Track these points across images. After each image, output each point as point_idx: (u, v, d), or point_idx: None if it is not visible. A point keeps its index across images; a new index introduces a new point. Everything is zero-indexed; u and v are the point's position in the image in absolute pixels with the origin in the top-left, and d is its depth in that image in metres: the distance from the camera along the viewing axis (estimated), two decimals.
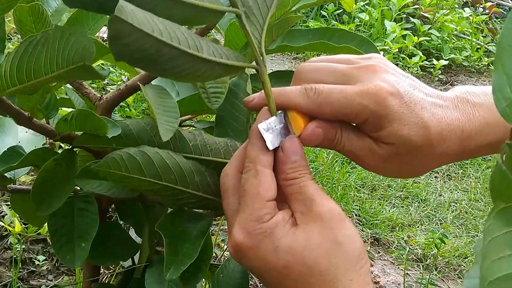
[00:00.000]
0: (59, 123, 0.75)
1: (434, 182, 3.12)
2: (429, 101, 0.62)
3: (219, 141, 0.77)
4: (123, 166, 0.68)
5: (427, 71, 4.79)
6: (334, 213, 0.58)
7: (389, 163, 0.63)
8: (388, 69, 0.63)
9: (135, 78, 0.85)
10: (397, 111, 0.60)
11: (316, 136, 0.62)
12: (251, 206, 0.59)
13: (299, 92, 0.61)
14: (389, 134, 0.61)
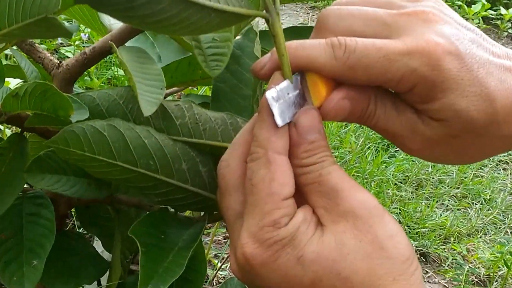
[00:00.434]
0: (7, 100, 0.76)
1: (502, 176, 3.14)
2: (497, 63, 0.61)
3: (215, 118, 0.77)
4: (86, 145, 0.69)
5: (492, 23, 4.81)
6: (369, 207, 0.59)
7: (438, 146, 0.63)
8: (445, 17, 0.62)
9: (104, 38, 0.86)
10: (455, 77, 0.59)
11: (341, 111, 0.62)
12: (263, 207, 0.59)
13: (324, 49, 0.60)
14: (441, 108, 0.60)
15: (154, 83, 0.74)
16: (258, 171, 0.60)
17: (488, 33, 4.70)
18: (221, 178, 0.65)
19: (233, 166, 0.64)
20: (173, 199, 0.76)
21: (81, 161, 0.71)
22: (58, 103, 0.73)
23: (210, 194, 0.75)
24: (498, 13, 4.79)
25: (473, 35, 0.62)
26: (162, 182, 0.73)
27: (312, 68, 0.61)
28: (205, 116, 0.77)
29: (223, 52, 0.78)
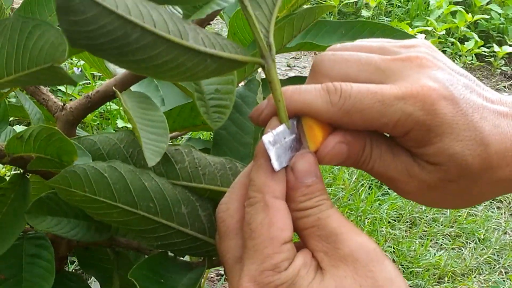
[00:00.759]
0: (11, 142, 0.78)
1: (496, 215, 3.15)
2: (491, 108, 0.62)
3: (215, 162, 0.78)
4: (87, 185, 0.69)
5: (486, 60, 4.85)
6: (368, 251, 0.59)
7: (433, 190, 0.64)
8: (438, 62, 0.63)
9: (108, 81, 0.88)
10: (450, 121, 0.60)
11: (338, 155, 0.62)
12: (262, 251, 0.59)
13: (319, 95, 0.61)
14: (436, 152, 0.61)
15: (158, 131, 0.75)
16: (257, 216, 0.60)
17: (482, 70, 4.74)
18: (220, 221, 0.65)
19: (232, 209, 0.64)
20: (173, 243, 0.76)
21: (82, 202, 0.71)
22: (63, 148, 0.74)
23: (209, 238, 0.76)
24: (491, 50, 4.83)
25: (467, 81, 0.63)
26: (162, 225, 0.73)
27: (308, 113, 0.62)
28: (205, 161, 0.78)
29: (225, 104, 0.79)
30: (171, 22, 0.54)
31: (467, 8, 5.18)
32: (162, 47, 0.54)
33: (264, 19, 0.62)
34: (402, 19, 5.01)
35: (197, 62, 0.57)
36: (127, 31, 0.51)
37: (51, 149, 0.76)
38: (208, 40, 0.57)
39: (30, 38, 0.57)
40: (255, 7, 0.62)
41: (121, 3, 0.51)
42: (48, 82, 0.69)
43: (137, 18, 0.51)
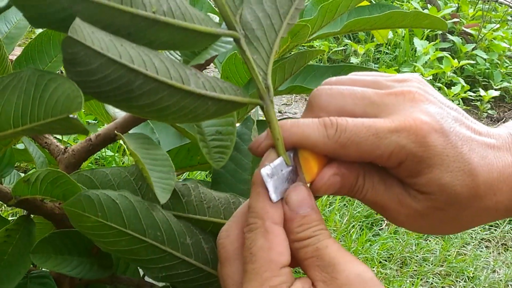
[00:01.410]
0: (18, 185, 0.80)
1: (484, 253, 3.16)
2: (479, 140, 0.64)
3: (219, 197, 0.79)
4: (100, 210, 0.70)
5: (472, 104, 4.88)
6: (365, 280, 0.60)
7: (423, 218, 0.65)
8: (430, 97, 0.65)
9: (109, 125, 0.90)
10: (441, 153, 0.61)
11: (332, 186, 0.64)
12: (262, 274, 0.60)
13: (317, 128, 0.62)
14: (427, 182, 0.62)
15: (163, 169, 0.76)
16: (257, 241, 0.61)
17: (469, 114, 4.71)
18: (221, 247, 0.66)
19: (232, 236, 0.65)
20: (177, 274, 0.76)
21: (92, 229, 0.71)
22: (69, 190, 0.76)
23: (212, 270, 0.76)
24: (478, 95, 4.86)
25: (456, 114, 0.65)
26: (168, 254, 0.74)
27: (305, 146, 0.63)
28: (210, 196, 0.79)
29: (226, 145, 0.81)
30: (173, 68, 0.57)
31: (453, 54, 5.23)
32: (165, 92, 0.56)
33: (262, 63, 0.65)
34: (390, 65, 5.06)
35: (198, 104, 0.59)
36: (130, 79, 0.54)
37: (57, 191, 0.78)
38: (209, 83, 0.59)
39: (46, 91, 0.58)
40: (253, 51, 0.64)
41: (124, 52, 0.53)
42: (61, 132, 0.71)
43: (140, 66, 0.54)
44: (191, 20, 0.59)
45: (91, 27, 0.52)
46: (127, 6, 0.54)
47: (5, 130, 0.62)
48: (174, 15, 0.58)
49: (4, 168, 0.88)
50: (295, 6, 0.66)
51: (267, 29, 0.65)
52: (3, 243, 0.86)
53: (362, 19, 1.00)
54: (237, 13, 0.64)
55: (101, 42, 0.51)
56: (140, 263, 0.75)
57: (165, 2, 0.57)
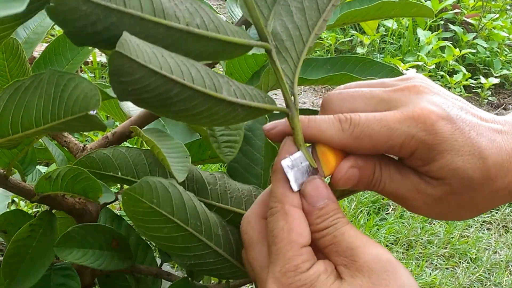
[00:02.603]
0: (40, 182, 0.81)
1: (486, 235, 3.16)
2: (485, 126, 0.65)
3: (243, 189, 0.81)
4: (155, 197, 0.71)
5: (473, 92, 4.87)
6: (383, 261, 0.61)
7: (439, 203, 0.66)
8: (433, 88, 0.66)
9: (124, 123, 0.91)
10: (450, 139, 0.62)
11: (351, 179, 0.65)
12: (284, 254, 0.61)
13: (332, 124, 0.64)
14: (440, 168, 0.63)
15: (179, 154, 0.78)
16: (278, 223, 0.63)
17: (470, 101, 4.74)
18: (244, 233, 0.68)
19: (253, 222, 0.67)
20: (204, 263, 0.77)
21: (141, 215, 0.71)
22: (89, 186, 0.77)
23: (236, 261, 0.77)
24: (479, 82, 4.85)
25: (461, 104, 0.66)
26: (203, 244, 0.75)
27: (322, 140, 0.64)
28: (234, 186, 0.81)
29: (235, 139, 0.82)
30: (208, 77, 0.57)
31: (455, 43, 5.21)
32: (199, 99, 0.57)
33: (290, 72, 0.66)
34: (394, 55, 5.04)
35: (229, 111, 0.60)
36: (169, 88, 0.55)
37: (78, 187, 0.79)
38: (240, 91, 0.60)
39: (65, 90, 0.59)
40: (282, 61, 0.65)
41: (165, 63, 0.54)
42: (81, 129, 0.72)
43: (178, 76, 0.55)
44: (224, 33, 0.60)
45: (137, 39, 0.53)
46: (160, 18, 0.55)
47: (28, 130, 0.64)
48: (208, 27, 0.58)
49: (27, 166, 0.88)
50: (323, 18, 0.67)
51: (296, 40, 0.66)
52: (27, 238, 0.87)
53: (353, 11, 1.00)
54: (267, 24, 0.65)
55: (145, 54, 0.52)
56: (174, 250, 0.75)
57: (198, 16, 0.58)
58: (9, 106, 0.63)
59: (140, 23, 0.55)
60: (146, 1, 0.54)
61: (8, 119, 0.63)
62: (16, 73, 0.86)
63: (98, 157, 0.81)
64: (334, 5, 0.68)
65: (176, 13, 0.56)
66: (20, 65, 0.86)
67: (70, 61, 0.97)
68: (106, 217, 0.97)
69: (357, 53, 5.02)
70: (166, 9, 0.56)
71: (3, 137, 0.65)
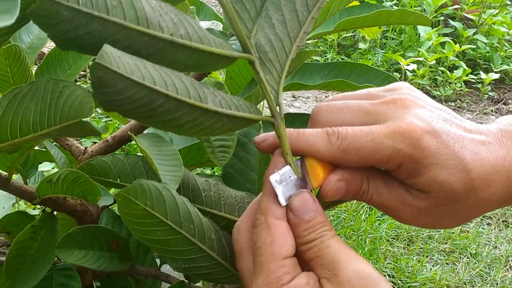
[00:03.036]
0: (42, 185, 0.82)
1: (486, 231, 3.16)
2: (469, 138, 0.65)
3: (236, 195, 0.82)
4: (149, 199, 0.71)
5: (474, 87, 4.86)
6: (363, 277, 0.61)
7: (425, 214, 0.67)
8: (419, 101, 0.67)
9: (124, 127, 0.92)
10: (435, 153, 0.63)
11: (338, 191, 0.66)
12: (267, 266, 0.62)
13: (320, 137, 0.65)
14: (426, 181, 0.64)
15: (173, 162, 0.79)
16: (261, 235, 0.64)
17: (470, 96, 4.76)
18: (234, 242, 0.69)
19: (243, 232, 0.68)
20: (198, 266, 0.78)
21: (135, 217, 0.72)
22: (88, 189, 0.78)
23: (229, 266, 0.78)
24: (479, 77, 4.85)
25: (446, 115, 0.67)
26: (196, 247, 0.75)
27: (310, 153, 0.65)
28: (228, 193, 0.81)
29: (228, 144, 0.84)
30: (192, 88, 0.59)
31: (455, 39, 5.21)
32: (184, 110, 0.58)
33: (274, 82, 0.67)
34: (395, 51, 5.05)
35: (215, 121, 0.61)
36: (152, 98, 0.56)
37: (78, 190, 0.80)
38: (225, 101, 0.62)
39: (60, 97, 0.61)
40: (266, 72, 0.66)
41: (147, 74, 0.55)
42: (76, 134, 0.73)
43: (161, 87, 0.56)
44: (208, 44, 0.61)
45: (118, 51, 0.53)
46: (144, 27, 0.56)
47: (26, 135, 0.65)
48: (192, 38, 0.59)
49: (29, 169, 0.90)
50: (304, 30, 0.68)
51: (279, 52, 0.67)
52: (29, 239, 0.88)
53: (352, 19, 1.01)
54: (251, 36, 0.66)
55: (126, 66, 0.53)
56: (167, 253, 0.76)
57: (183, 27, 0.59)
58: (8, 111, 0.64)
59: (123, 31, 0.55)
60: (130, 10, 0.55)
61: (7, 124, 0.64)
62: (19, 78, 0.87)
63: (98, 164, 0.82)
64: (314, 18, 0.69)
65: (160, 23, 0.57)
66: (23, 70, 0.87)
67: (72, 66, 0.98)
68: (107, 218, 0.98)
69: (360, 48, 5.03)
70: (150, 19, 0.56)
71: (3, 142, 0.66)
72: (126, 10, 0.55)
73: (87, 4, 0.53)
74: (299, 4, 0.67)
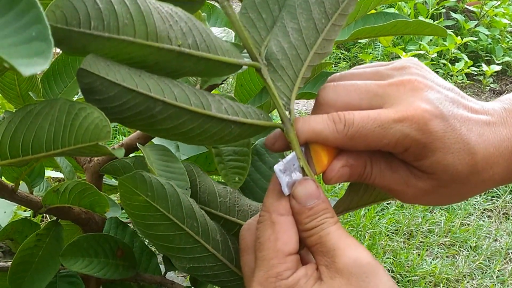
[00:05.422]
0: (49, 195, 0.82)
1: (487, 223, 3.17)
2: (475, 119, 0.66)
3: (251, 204, 0.82)
4: (150, 190, 0.71)
5: (476, 79, 4.86)
6: (362, 264, 0.61)
7: (428, 194, 0.68)
8: (428, 82, 0.66)
9: (132, 135, 0.91)
10: (442, 137, 0.63)
11: (342, 177, 0.66)
12: (269, 261, 0.62)
13: (327, 125, 0.64)
14: (431, 164, 0.65)
15: (180, 183, 0.78)
16: (265, 232, 0.64)
17: (472, 88, 4.76)
18: (241, 239, 0.69)
19: (252, 229, 0.68)
20: (203, 267, 0.77)
21: (137, 209, 0.72)
22: (96, 201, 0.78)
23: (235, 268, 0.78)
24: (480, 70, 4.84)
25: (453, 95, 0.67)
26: (200, 246, 0.75)
27: (317, 140, 0.65)
28: (243, 202, 0.81)
29: (243, 166, 0.83)
30: (194, 96, 0.59)
31: (457, 31, 5.20)
32: (186, 116, 0.58)
33: (287, 89, 0.67)
34: (397, 44, 5.04)
35: (222, 128, 0.62)
36: (149, 105, 0.56)
37: (85, 201, 0.80)
38: (232, 109, 0.62)
39: (76, 119, 0.60)
40: (278, 79, 0.67)
41: (141, 82, 0.55)
42: (90, 155, 0.72)
43: (157, 94, 0.56)
44: (215, 52, 0.61)
45: (105, 60, 0.54)
46: (153, 42, 0.56)
47: (38, 153, 0.64)
48: (199, 47, 0.60)
49: (34, 179, 0.89)
50: (323, 37, 0.68)
51: (293, 59, 0.67)
52: (34, 247, 0.88)
53: (368, 28, 1.01)
54: (263, 44, 0.66)
55: (117, 73, 0.53)
56: (172, 251, 0.76)
57: (191, 36, 0.59)
58: (20, 128, 0.63)
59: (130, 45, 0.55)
60: (141, 26, 0.55)
61: (19, 141, 0.64)
62: (25, 86, 0.87)
63: (120, 165, 0.82)
64: (337, 25, 0.68)
65: (169, 34, 0.57)
66: (30, 78, 0.86)
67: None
68: (111, 224, 0.98)
69: (360, 43, 5.02)
70: (160, 32, 0.57)
71: (14, 158, 0.66)
72: (137, 26, 0.55)
73: (98, 28, 0.53)
74: (316, 12, 0.67)
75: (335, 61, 4.87)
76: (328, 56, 0.83)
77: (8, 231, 0.90)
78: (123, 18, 0.54)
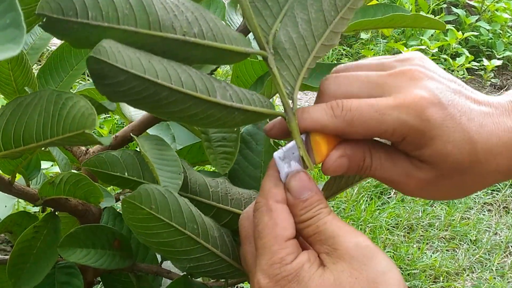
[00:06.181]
0: (44, 187, 0.83)
1: (487, 217, 3.17)
2: (477, 110, 0.65)
3: (243, 193, 0.83)
4: (153, 203, 0.72)
5: (476, 74, 4.86)
6: (362, 248, 0.62)
7: (430, 186, 0.68)
8: (429, 73, 0.66)
9: (126, 128, 0.93)
10: (440, 125, 0.63)
11: (340, 167, 0.67)
12: (270, 248, 0.63)
13: (325, 112, 0.65)
14: (431, 153, 0.65)
15: (173, 169, 0.79)
16: (262, 218, 0.65)
17: (473, 83, 4.76)
18: (241, 227, 0.70)
19: (251, 218, 0.68)
20: (203, 265, 0.79)
21: (140, 221, 0.73)
22: (90, 192, 0.79)
23: (232, 261, 0.79)
24: (481, 64, 4.85)
25: (456, 86, 0.67)
26: (200, 246, 0.76)
27: (316, 128, 0.66)
28: (235, 190, 0.83)
29: (231, 151, 0.84)
30: (201, 82, 0.60)
31: (458, 26, 5.20)
32: (191, 102, 0.60)
33: (292, 78, 0.68)
34: (398, 40, 5.04)
35: (225, 114, 0.63)
36: (157, 90, 0.57)
37: (80, 192, 0.81)
38: (237, 95, 0.63)
39: (63, 109, 0.61)
40: (284, 68, 0.68)
41: (150, 68, 0.56)
42: (79, 144, 0.74)
43: (164, 81, 0.57)
44: (222, 41, 0.63)
45: (119, 45, 0.55)
46: (156, 31, 0.58)
47: (29, 144, 0.66)
48: (205, 36, 0.61)
49: (31, 171, 0.91)
50: (331, 29, 0.69)
51: (300, 49, 0.68)
52: (32, 239, 0.89)
53: (366, 21, 1.01)
54: (270, 33, 0.68)
55: (127, 59, 0.55)
56: (172, 254, 0.77)
57: (197, 25, 0.60)
58: (11, 120, 0.64)
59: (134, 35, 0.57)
60: (142, 16, 0.56)
61: (10, 133, 0.65)
62: (21, 81, 0.88)
63: (107, 157, 0.83)
64: (345, 18, 0.69)
65: (173, 23, 0.58)
66: (25, 73, 0.87)
67: (74, 67, 0.99)
68: (109, 215, 0.99)
69: (361, 38, 5.02)
70: (163, 21, 0.58)
71: (6, 150, 0.67)
72: (137, 16, 0.56)
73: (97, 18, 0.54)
74: (327, 4, 0.68)
75: (337, 57, 4.86)
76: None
77: (7, 223, 0.91)
78: (123, 8, 0.55)
